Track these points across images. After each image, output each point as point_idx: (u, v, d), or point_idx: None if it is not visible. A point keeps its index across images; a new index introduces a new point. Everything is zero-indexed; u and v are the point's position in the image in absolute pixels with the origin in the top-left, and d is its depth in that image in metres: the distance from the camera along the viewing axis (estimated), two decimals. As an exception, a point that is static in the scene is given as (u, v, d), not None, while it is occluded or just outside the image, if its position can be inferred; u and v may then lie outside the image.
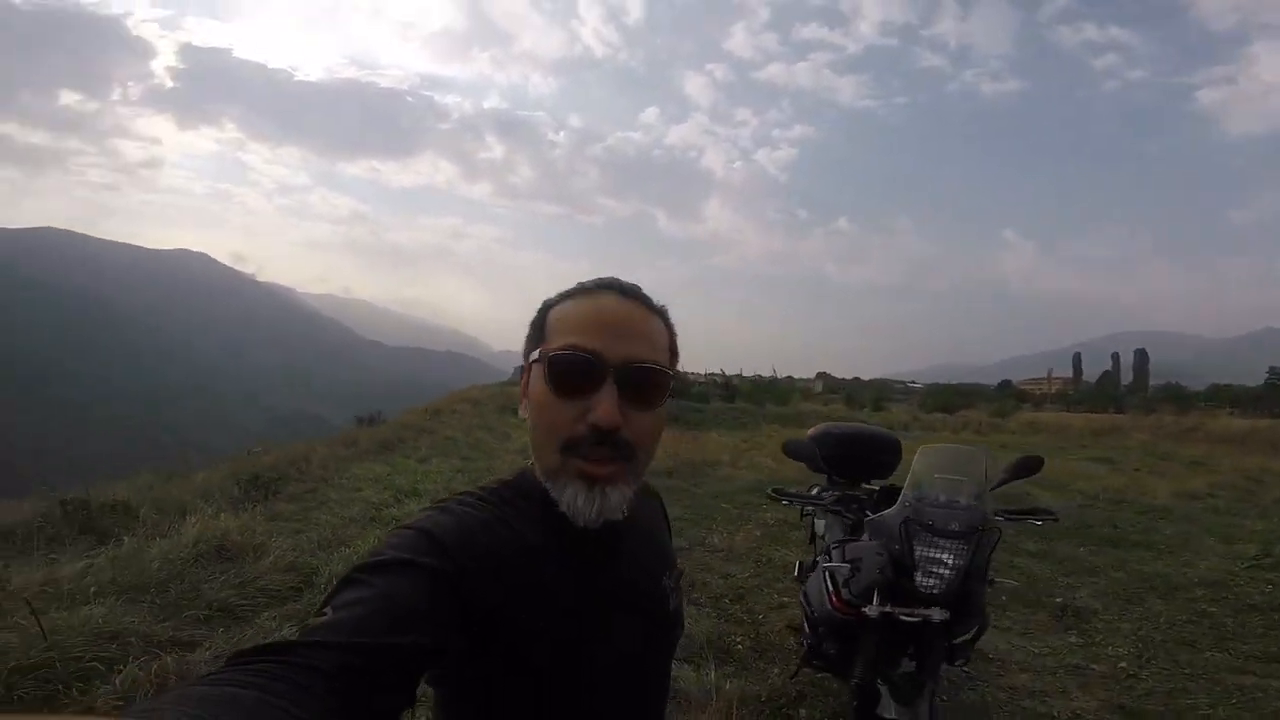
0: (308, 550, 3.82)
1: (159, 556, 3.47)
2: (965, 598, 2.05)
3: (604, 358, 0.67)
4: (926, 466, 2.20)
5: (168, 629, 2.78)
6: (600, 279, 0.76)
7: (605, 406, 0.66)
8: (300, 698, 0.46)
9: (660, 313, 0.76)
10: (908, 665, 2.11)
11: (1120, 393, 49.98)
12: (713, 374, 25.44)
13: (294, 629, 2.91)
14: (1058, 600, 4.03)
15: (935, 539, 2.02)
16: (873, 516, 2.29)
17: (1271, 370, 44.02)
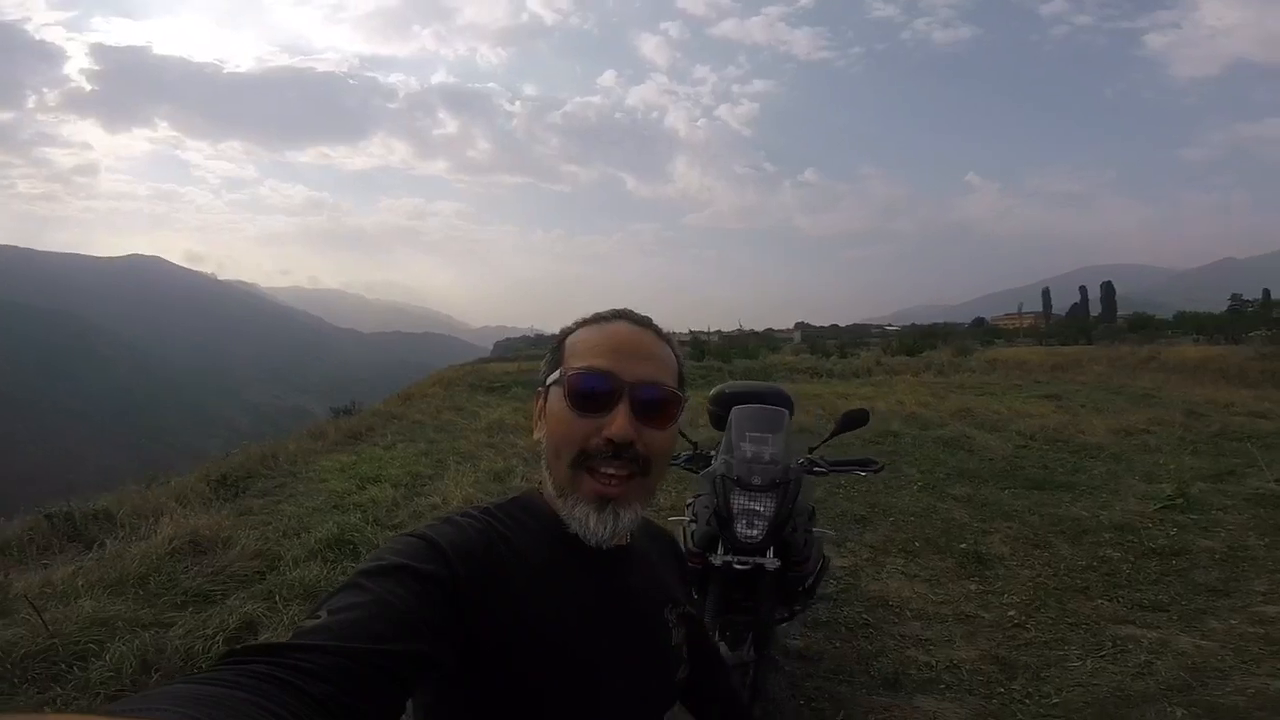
0: (273, 539, 4.19)
1: (138, 555, 3.83)
2: (792, 545, 2.24)
3: (619, 377, 0.73)
4: (738, 425, 2.38)
5: (149, 614, 3.16)
6: (614, 310, 0.82)
7: (620, 420, 0.71)
8: (289, 700, 0.46)
9: (669, 340, 0.82)
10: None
11: (1090, 324, 51.40)
12: (680, 334, 25.79)
13: (260, 605, 3.31)
14: (962, 546, 4.20)
15: (747, 492, 2.21)
16: (701, 473, 2.44)
17: (1234, 296, 45.97)
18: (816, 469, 2.47)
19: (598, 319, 0.80)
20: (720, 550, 2.17)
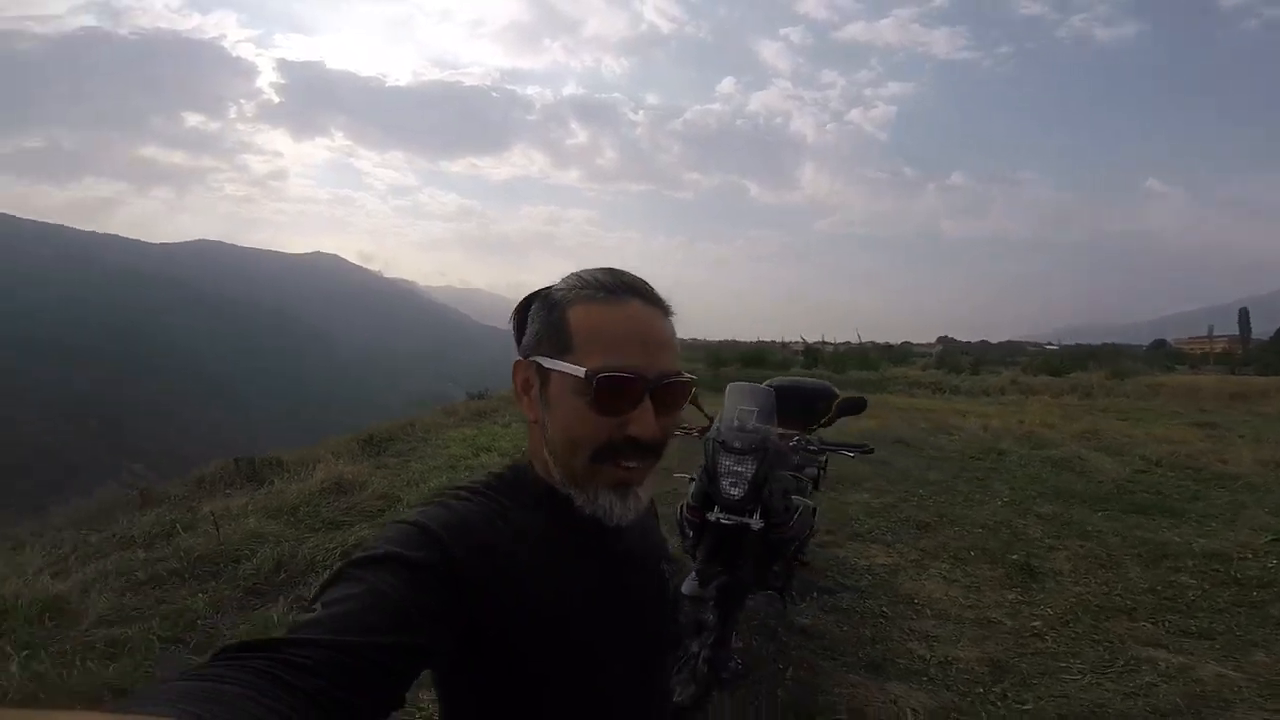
0: (397, 486, 5.14)
1: (294, 492, 4.85)
2: (771, 509, 2.54)
3: (644, 375, 0.68)
4: (731, 400, 2.73)
5: (293, 533, 4.07)
6: (615, 277, 0.73)
7: (648, 420, 0.68)
8: (285, 695, 0.46)
9: (669, 311, 0.76)
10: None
11: (1299, 352, 43.70)
12: (793, 342, 25.40)
13: (373, 532, 4.11)
14: (1014, 558, 4.14)
15: (730, 455, 2.54)
16: (702, 439, 2.75)
17: None
18: (810, 447, 2.77)
19: (605, 291, 0.71)
20: (717, 509, 2.51)
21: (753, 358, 20.06)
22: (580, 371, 0.68)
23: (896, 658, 2.98)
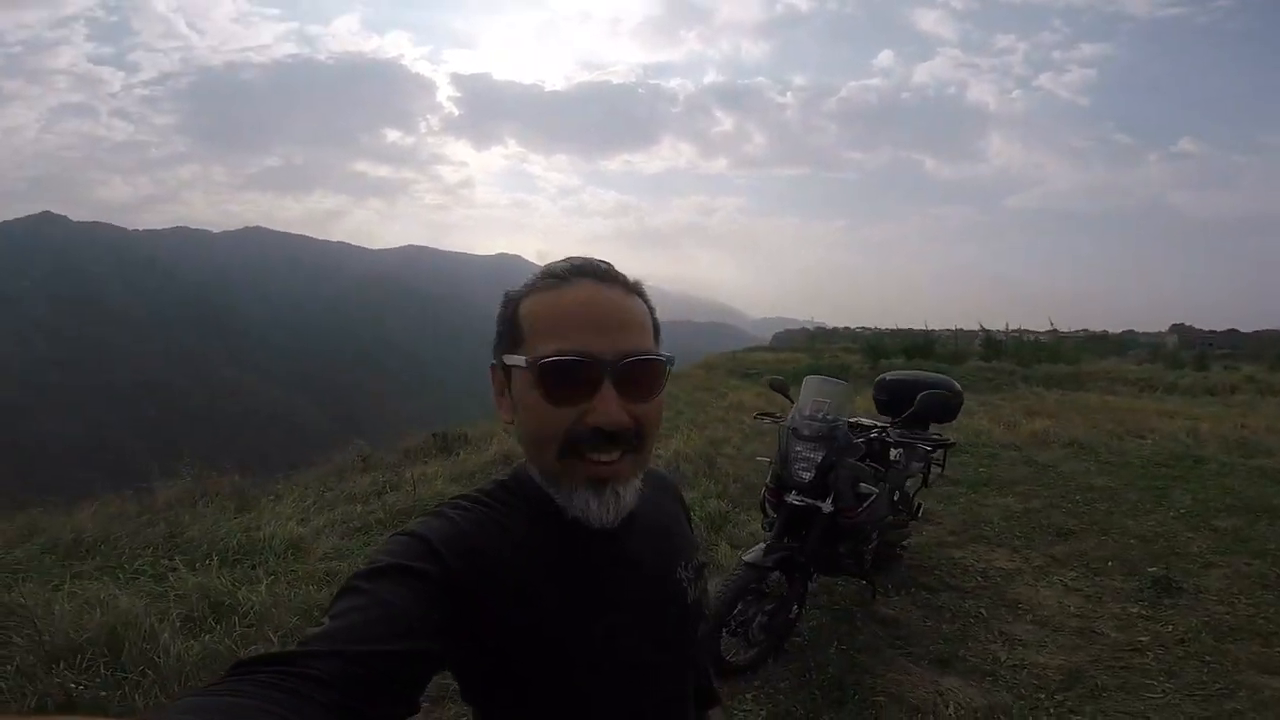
0: None
1: (473, 461, 5.85)
2: (838, 493, 2.77)
3: (597, 357, 0.64)
4: (807, 392, 3.00)
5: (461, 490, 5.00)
6: (569, 262, 0.70)
7: (607, 408, 0.64)
8: (299, 707, 0.47)
9: (638, 290, 0.72)
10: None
11: None
12: (969, 330, 23.22)
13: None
14: (1153, 570, 3.85)
15: (801, 441, 2.83)
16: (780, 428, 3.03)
17: None
18: (885, 439, 3.07)
19: (553, 276, 0.69)
20: (794, 492, 2.82)
21: (919, 348, 18.74)
22: (522, 361, 0.66)
23: (969, 656, 2.99)
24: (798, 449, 2.85)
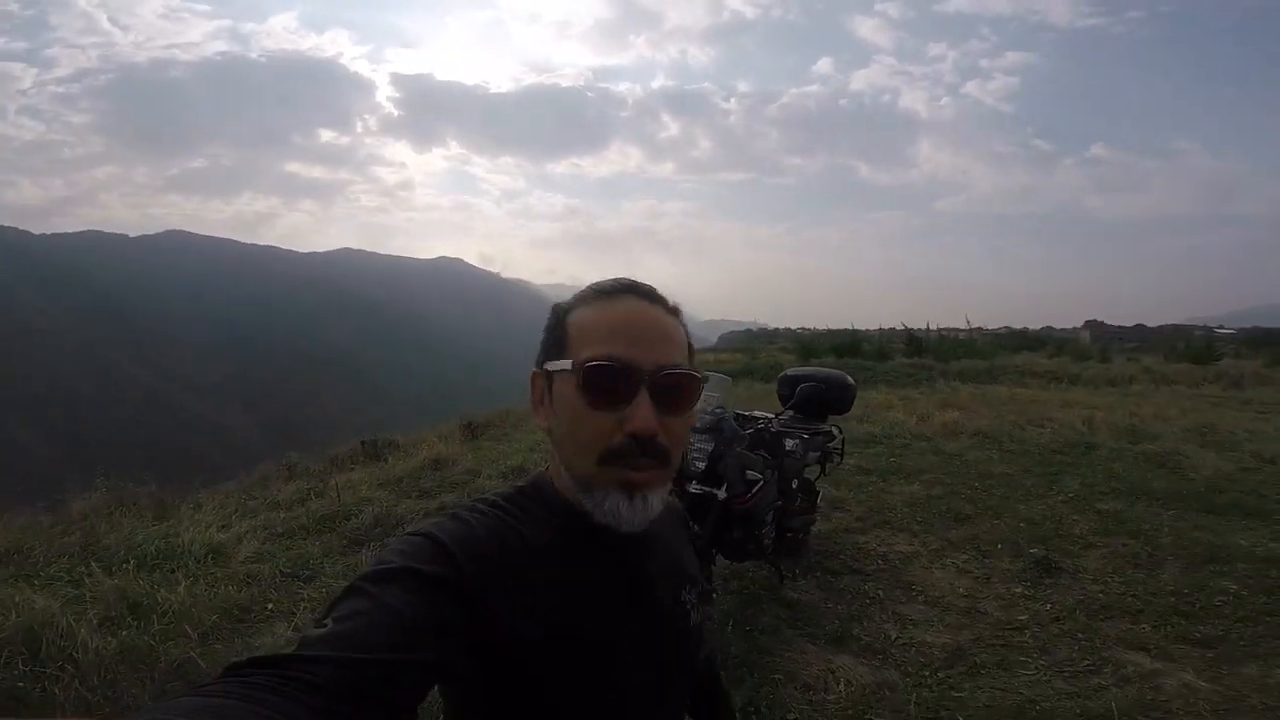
0: (483, 463, 6.02)
1: (401, 467, 5.86)
2: (728, 481, 3.03)
3: (637, 366, 0.68)
4: None
5: (393, 499, 5.02)
6: (617, 281, 0.75)
7: (642, 415, 0.67)
8: (294, 712, 0.46)
9: (676, 312, 0.76)
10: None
11: None
12: (893, 328, 24.31)
13: (456, 497, 4.92)
14: (1035, 552, 4.13)
15: (694, 434, 3.02)
16: None
17: None
18: (770, 429, 3.37)
19: (602, 293, 0.74)
20: (695, 483, 3.04)
21: (846, 347, 19.53)
22: (568, 364, 0.70)
23: (863, 635, 3.19)
24: (692, 441, 3.07)
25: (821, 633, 3.20)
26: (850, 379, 4.25)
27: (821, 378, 4.14)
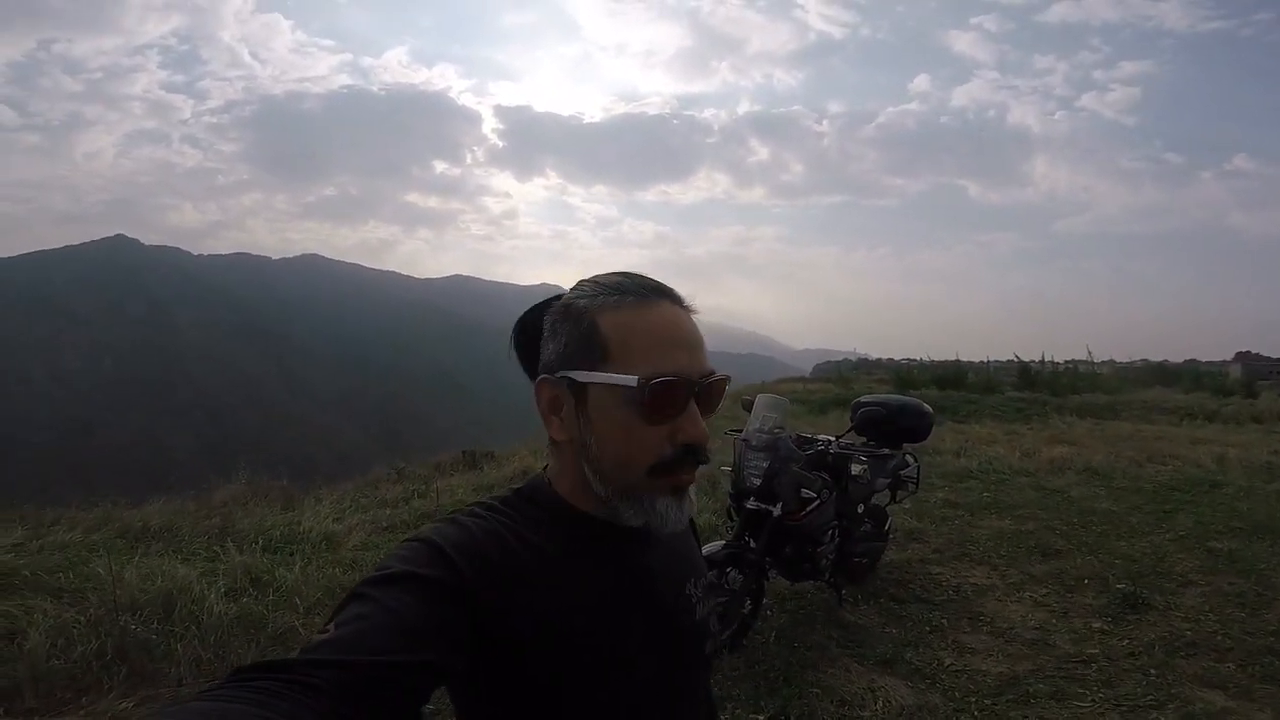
0: None
1: (495, 476, 6.32)
2: (783, 497, 3.10)
3: (690, 378, 0.68)
4: (757, 409, 3.35)
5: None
6: (640, 280, 0.73)
7: (698, 425, 0.68)
8: (298, 714, 0.47)
9: (695, 311, 0.75)
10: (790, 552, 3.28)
11: None
12: (999, 361, 22.79)
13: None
14: (1121, 588, 3.90)
15: (752, 451, 3.18)
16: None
17: None
18: (832, 451, 3.44)
19: (632, 295, 0.71)
20: (753, 499, 3.16)
21: (949, 379, 18.57)
22: (632, 381, 0.66)
23: (914, 660, 3.15)
24: (749, 458, 3.21)
25: (871, 654, 3.20)
26: (927, 407, 4.21)
27: (893, 404, 4.14)
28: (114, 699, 2.52)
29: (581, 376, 0.69)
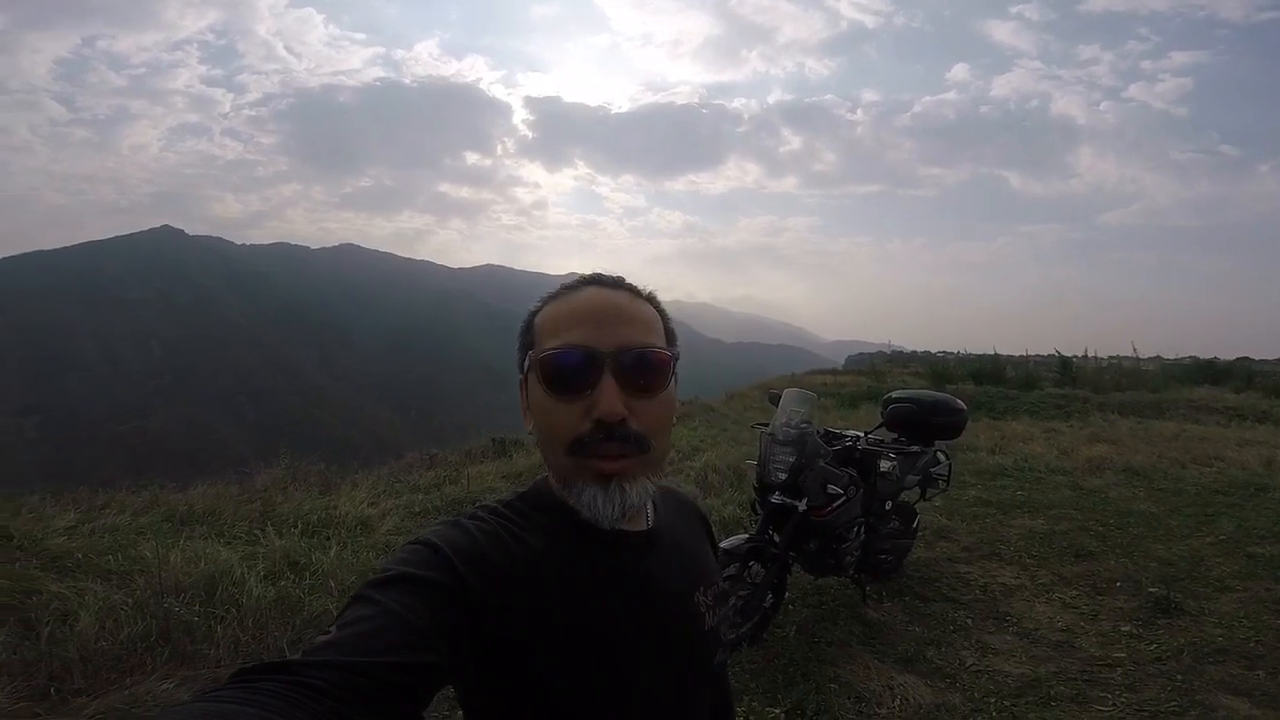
0: None
1: (524, 464, 6.46)
2: (808, 491, 3.10)
3: (597, 349, 0.67)
4: (784, 404, 3.33)
5: (510, 488, 5.44)
6: (581, 276, 0.76)
7: (606, 398, 0.66)
8: (298, 716, 0.47)
9: (649, 298, 0.75)
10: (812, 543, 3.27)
11: None
12: (1037, 355, 22.12)
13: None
14: (1154, 591, 3.84)
15: (778, 446, 3.18)
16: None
17: None
18: (859, 446, 3.45)
19: (564, 290, 0.75)
20: (778, 493, 3.17)
21: (986, 373, 18.08)
22: (537, 358, 0.70)
23: (936, 659, 3.14)
24: (774, 452, 3.21)
25: (892, 652, 3.20)
26: (961, 404, 4.16)
27: (925, 400, 4.09)
28: (156, 680, 2.62)
29: (524, 367, 0.74)
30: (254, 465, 6.08)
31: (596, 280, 0.75)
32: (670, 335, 0.77)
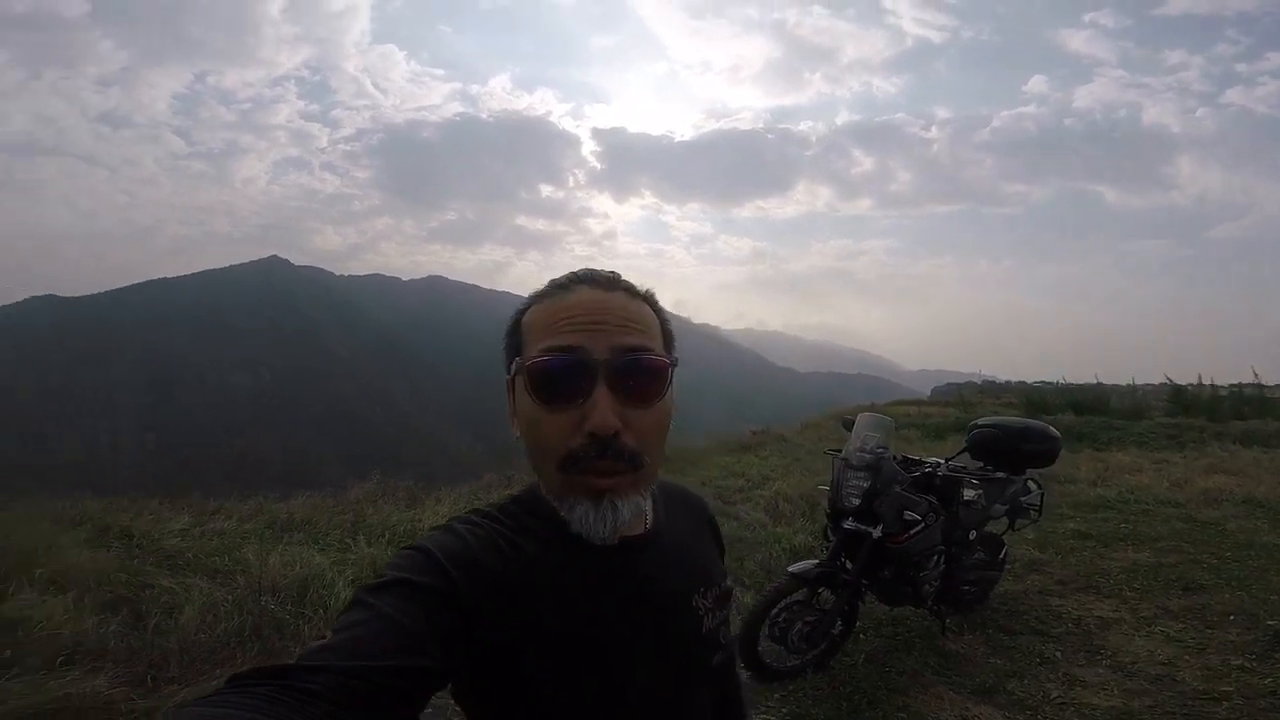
0: None
1: None
2: (884, 518, 3.00)
3: (589, 354, 0.64)
4: (858, 428, 3.23)
5: None
6: (572, 273, 0.71)
7: (599, 410, 0.63)
8: (290, 719, 0.48)
9: (646, 298, 0.72)
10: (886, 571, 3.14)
11: None
12: (1148, 385, 20.28)
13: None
14: (1272, 624, 3.54)
15: (852, 471, 3.07)
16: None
17: None
18: (939, 472, 3.29)
19: (554, 288, 0.70)
20: (851, 519, 3.08)
21: (1087, 403, 16.76)
22: (518, 364, 0.66)
23: (1017, 691, 2.99)
24: (848, 478, 3.14)
25: (970, 683, 3.06)
26: (1054, 431, 3.96)
27: (1013, 427, 3.89)
28: (242, 673, 2.89)
29: (511, 371, 0.71)
30: (349, 482, 6.51)
31: (589, 278, 0.71)
32: (669, 339, 0.74)
